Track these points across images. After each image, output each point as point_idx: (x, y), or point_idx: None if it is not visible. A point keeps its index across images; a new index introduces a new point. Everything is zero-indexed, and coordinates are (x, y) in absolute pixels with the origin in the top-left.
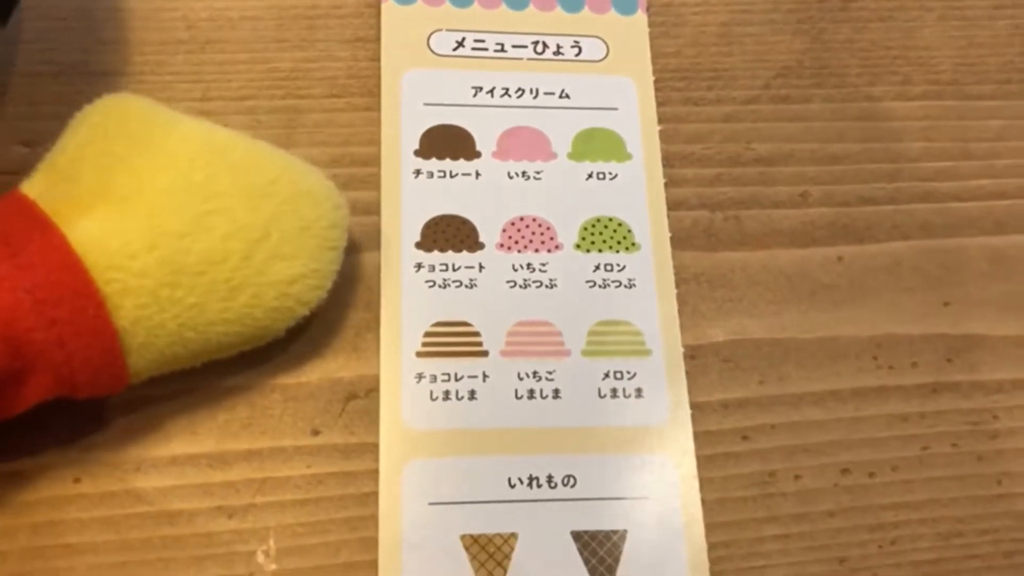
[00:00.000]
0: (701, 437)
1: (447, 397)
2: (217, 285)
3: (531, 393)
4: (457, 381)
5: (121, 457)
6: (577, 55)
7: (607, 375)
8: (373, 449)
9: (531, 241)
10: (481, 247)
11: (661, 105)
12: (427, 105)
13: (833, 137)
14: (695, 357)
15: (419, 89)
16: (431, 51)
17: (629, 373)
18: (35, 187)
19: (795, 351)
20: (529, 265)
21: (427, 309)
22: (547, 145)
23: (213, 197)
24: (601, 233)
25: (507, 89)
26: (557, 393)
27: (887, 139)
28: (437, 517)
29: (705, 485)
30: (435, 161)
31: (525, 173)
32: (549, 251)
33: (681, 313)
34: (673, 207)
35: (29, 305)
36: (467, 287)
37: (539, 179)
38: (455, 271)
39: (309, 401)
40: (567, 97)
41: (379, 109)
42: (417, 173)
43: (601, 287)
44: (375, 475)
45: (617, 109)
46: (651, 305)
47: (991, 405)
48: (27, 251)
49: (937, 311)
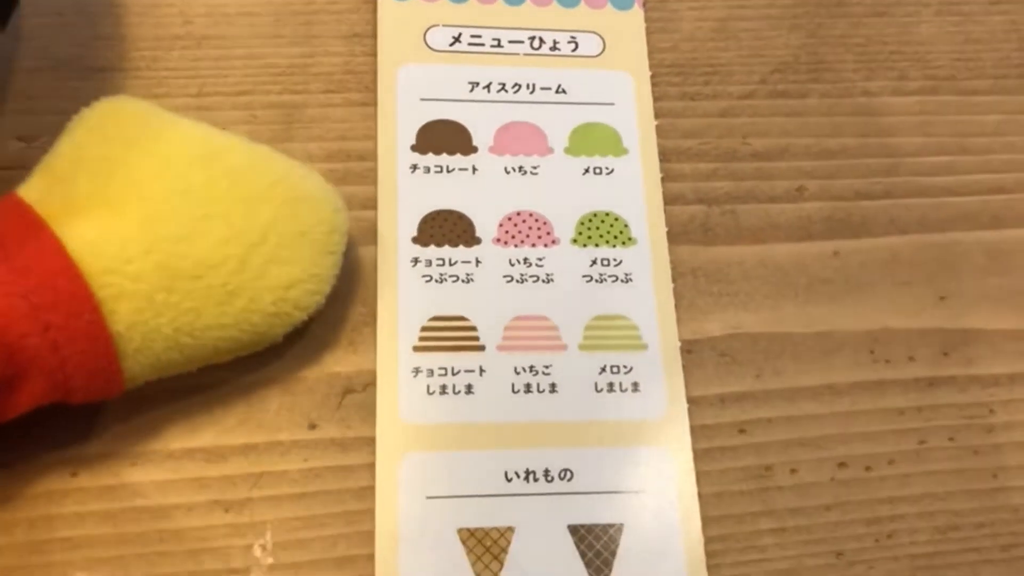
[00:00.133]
0: (698, 431)
1: (444, 391)
2: (214, 290)
3: (528, 387)
4: (454, 375)
5: (118, 451)
6: (574, 50)
7: (604, 369)
8: (370, 443)
9: (528, 236)
10: (478, 242)
11: (658, 100)
12: (424, 100)
13: (829, 132)
14: (692, 351)
15: (416, 84)
16: (427, 46)
17: (626, 367)
18: (32, 191)
19: (792, 345)
20: (526, 260)
21: (424, 304)
22: (544, 140)
23: (210, 201)
24: (598, 228)
25: (504, 84)
26: (554, 387)
27: (883, 134)
28: (434, 511)
29: (702, 479)
30: (432, 156)
31: (522, 168)
32: (546, 246)
33: (678, 307)
34: (670, 202)
35: (24, 310)
36: (464, 282)
37: (536, 174)
38: (452, 266)
39: (306, 395)
40: (564, 92)
41: (376, 104)
42: (414, 168)
43: (598, 281)
44: (372, 469)
45: (614, 104)
46: (648, 299)
47: (988, 399)
48: (22, 255)
49: (934, 305)
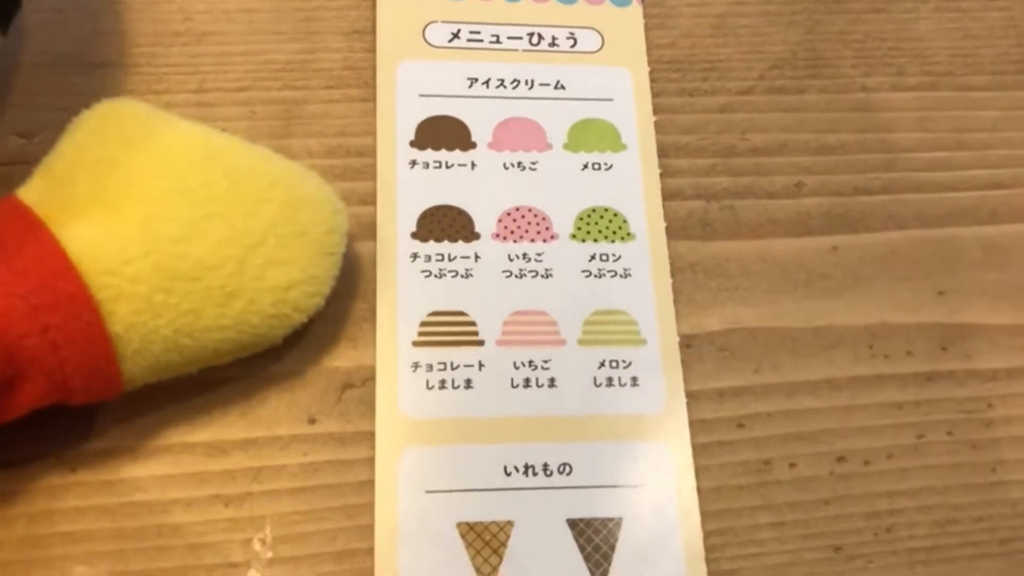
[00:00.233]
0: (697, 425)
1: (443, 386)
2: (213, 291)
3: (527, 382)
4: (453, 370)
5: (117, 446)
6: (572, 46)
7: (603, 364)
8: (369, 438)
9: (527, 231)
10: (477, 237)
11: (656, 96)
12: (423, 96)
13: (828, 128)
14: (691, 346)
15: (415, 80)
16: (427, 43)
17: (625, 362)
18: (31, 192)
19: (790, 340)
20: (525, 255)
21: (423, 299)
22: (542, 136)
23: (209, 203)
24: (597, 223)
25: (502, 80)
26: (553, 382)
27: (882, 130)
28: (433, 505)
29: (701, 473)
30: (431, 152)
31: (521, 164)
32: (545, 241)
33: (677, 302)
34: (668, 197)
35: (23, 311)
36: (463, 277)
37: (535, 170)
38: (451, 261)
39: (305, 390)
40: (562, 88)
41: (375, 100)
42: (413, 164)
43: (597, 277)
44: (371, 463)
45: (612, 100)
46: (647, 294)
47: (986, 393)
48: (21, 256)
49: (932, 300)
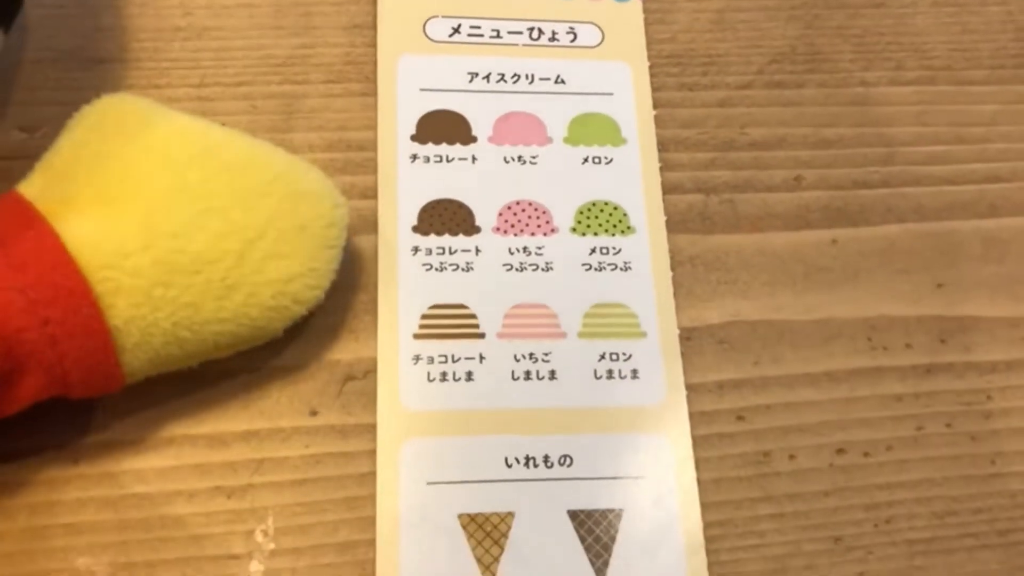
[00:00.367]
0: (697, 417)
1: (444, 378)
2: (212, 284)
3: (528, 374)
4: (454, 363)
5: (119, 438)
6: (572, 41)
7: (603, 356)
8: (371, 430)
9: (527, 225)
10: (477, 231)
11: (656, 90)
12: (423, 90)
13: (827, 122)
14: (691, 339)
15: (415, 75)
16: (427, 37)
17: (625, 354)
18: (32, 187)
19: (790, 332)
20: (525, 248)
21: (424, 292)
22: (543, 130)
23: (208, 196)
24: (597, 217)
25: (503, 75)
26: (553, 374)
27: (880, 124)
28: (435, 496)
29: (701, 465)
30: (431, 146)
31: (521, 158)
32: (545, 234)
33: (676, 295)
34: (668, 191)
35: (22, 304)
36: (464, 270)
37: (535, 163)
38: (452, 254)
39: (307, 382)
40: (562, 82)
41: (375, 95)
42: (414, 158)
43: (597, 270)
44: (373, 455)
45: (612, 94)
46: (647, 287)
47: (985, 385)
48: (20, 250)
49: (931, 293)
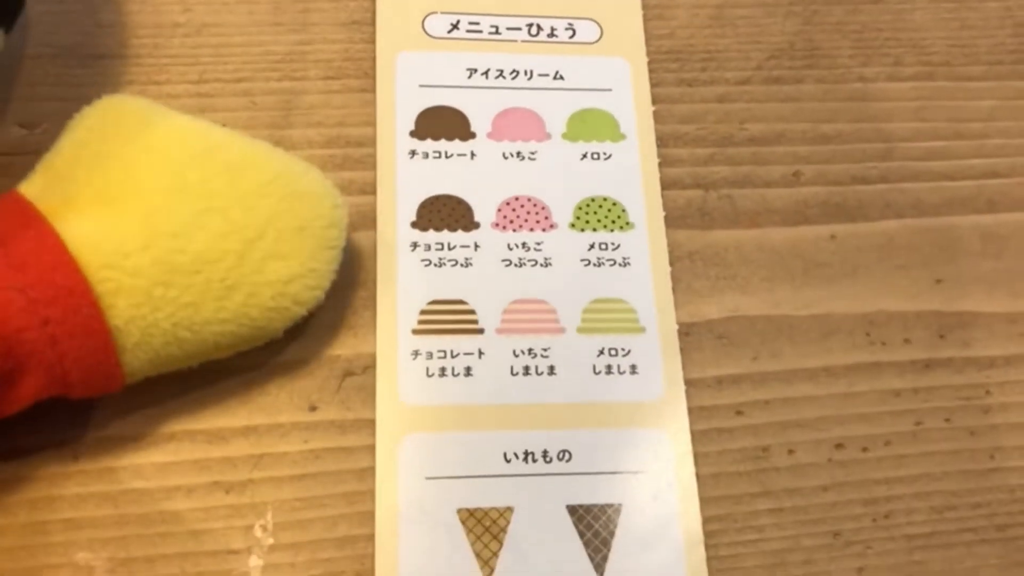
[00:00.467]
0: (695, 412)
1: (443, 374)
2: (212, 284)
3: (526, 370)
4: (453, 358)
5: (119, 433)
6: (571, 37)
7: (602, 352)
8: (370, 425)
9: (526, 220)
10: (476, 226)
11: (655, 86)
12: (422, 87)
13: (825, 117)
14: (689, 334)
15: (414, 71)
16: (426, 33)
17: (624, 350)
18: (33, 187)
19: (788, 328)
20: (524, 244)
21: (423, 287)
22: (541, 126)
23: (208, 197)
24: (596, 212)
25: (502, 71)
26: (552, 370)
27: (879, 119)
28: (434, 491)
29: (700, 459)
30: (430, 142)
31: (520, 154)
32: (544, 230)
33: (675, 291)
34: (667, 186)
35: (21, 304)
36: (463, 266)
37: (534, 159)
38: (451, 250)
39: (306, 378)
40: (561, 78)
41: (374, 91)
42: (412, 154)
43: (596, 265)
44: (372, 450)
45: (611, 90)
46: (645, 283)
47: (983, 380)
48: (20, 250)
49: (929, 288)
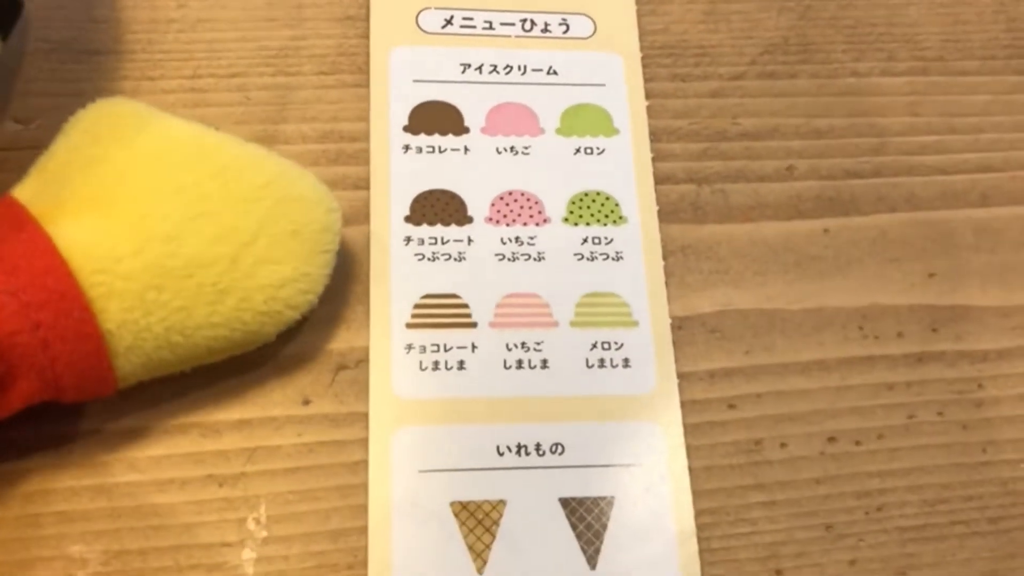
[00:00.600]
0: (688, 406)
1: (436, 367)
2: (204, 289)
3: (519, 363)
4: (446, 352)
5: (113, 427)
6: (565, 32)
7: (595, 345)
8: (363, 418)
9: (519, 215)
10: (470, 221)
11: (648, 81)
12: (416, 82)
13: (819, 112)
14: (682, 328)
15: (408, 66)
16: (420, 28)
17: (616, 343)
18: (26, 190)
19: (781, 321)
20: (517, 238)
21: (416, 282)
22: (535, 121)
23: (201, 201)
24: (589, 207)
25: (495, 66)
26: (545, 363)
27: (872, 114)
28: (427, 484)
29: (692, 453)
30: (424, 137)
31: (513, 148)
32: (537, 224)
33: (668, 285)
34: (660, 181)
35: (13, 307)
36: (456, 260)
37: (527, 154)
38: (444, 244)
39: (300, 372)
40: (555, 73)
41: (368, 86)
42: (406, 148)
43: (589, 259)
44: (365, 444)
45: (604, 85)
46: (638, 277)
47: (976, 374)
48: (12, 253)
49: (922, 282)
